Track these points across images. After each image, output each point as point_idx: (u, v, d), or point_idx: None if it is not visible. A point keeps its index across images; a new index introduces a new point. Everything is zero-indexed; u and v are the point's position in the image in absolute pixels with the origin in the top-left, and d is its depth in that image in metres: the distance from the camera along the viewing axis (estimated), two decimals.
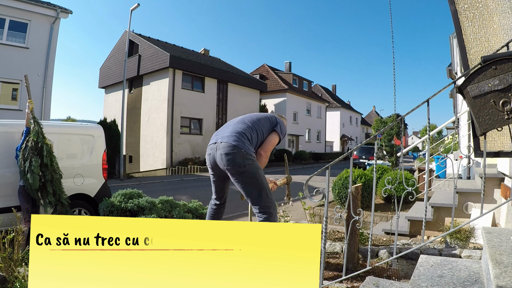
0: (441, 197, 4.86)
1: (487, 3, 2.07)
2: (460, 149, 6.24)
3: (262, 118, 2.73)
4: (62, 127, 5.32)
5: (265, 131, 2.68)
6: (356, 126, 49.47)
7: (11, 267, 2.31)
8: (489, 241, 1.87)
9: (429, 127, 2.07)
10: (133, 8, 14.97)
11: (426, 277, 1.82)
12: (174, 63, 18.40)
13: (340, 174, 6.51)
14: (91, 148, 5.10)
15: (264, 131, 2.67)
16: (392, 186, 2.08)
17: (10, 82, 11.85)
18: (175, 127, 18.86)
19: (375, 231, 4.75)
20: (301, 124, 30.99)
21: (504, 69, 1.63)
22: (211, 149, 2.55)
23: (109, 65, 23.25)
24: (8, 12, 11.53)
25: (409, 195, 2.34)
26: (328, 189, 2.11)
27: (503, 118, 1.65)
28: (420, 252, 3.03)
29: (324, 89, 44.42)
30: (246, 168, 2.38)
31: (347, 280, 2.60)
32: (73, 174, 4.87)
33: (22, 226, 2.46)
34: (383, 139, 27.21)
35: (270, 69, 31.17)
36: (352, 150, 2.39)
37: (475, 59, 2.06)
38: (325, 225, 2.15)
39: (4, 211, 3.82)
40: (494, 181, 4.22)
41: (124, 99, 15.50)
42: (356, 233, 3.07)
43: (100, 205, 3.82)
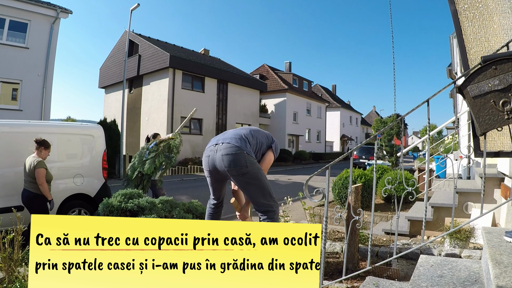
0: (441, 197, 4.86)
1: (487, 3, 2.07)
2: (460, 149, 6.24)
3: (261, 131, 2.80)
4: (62, 127, 5.32)
5: (264, 143, 2.71)
6: (356, 126, 49.46)
7: (11, 267, 2.31)
8: (489, 241, 1.87)
9: (429, 127, 2.06)
10: (133, 8, 14.96)
11: (426, 277, 1.82)
12: (174, 63, 18.40)
13: (340, 174, 6.51)
14: (91, 148, 5.10)
15: (263, 143, 2.71)
16: (392, 186, 2.08)
17: (10, 82, 11.84)
18: (175, 127, 18.85)
19: (375, 231, 4.75)
20: (301, 124, 30.98)
21: (504, 69, 1.63)
22: (210, 151, 2.53)
23: (109, 65, 23.24)
24: (8, 12, 11.53)
25: (409, 195, 2.34)
26: (328, 189, 2.11)
27: (503, 118, 1.65)
28: (420, 252, 3.03)
29: (324, 89, 44.41)
30: (248, 169, 2.38)
31: (347, 280, 2.60)
32: (73, 174, 4.87)
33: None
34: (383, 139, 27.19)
35: (270, 69, 31.16)
36: (352, 150, 2.39)
37: (475, 59, 2.06)
38: (325, 225, 2.15)
39: (4, 211, 3.82)
40: (494, 181, 4.22)
41: (124, 99, 15.49)
42: (356, 233, 3.07)
43: (100, 205, 3.82)
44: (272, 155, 2.75)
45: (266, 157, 2.71)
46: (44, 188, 3.82)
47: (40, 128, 4.89)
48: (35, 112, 12.02)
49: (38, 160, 3.88)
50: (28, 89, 12.04)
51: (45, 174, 3.85)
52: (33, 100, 12.11)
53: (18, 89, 12.00)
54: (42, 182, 3.80)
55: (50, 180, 4.03)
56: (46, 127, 5.05)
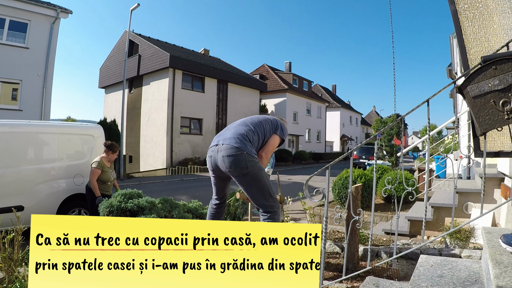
0: (441, 197, 4.86)
1: (487, 3, 2.07)
2: (460, 149, 6.24)
3: (263, 121, 2.74)
4: (62, 127, 5.32)
5: (267, 133, 2.70)
6: (356, 126, 49.46)
7: (11, 267, 2.31)
8: (489, 241, 1.87)
9: (429, 127, 2.06)
10: (133, 8, 14.97)
11: (426, 277, 1.82)
12: (174, 63, 18.40)
13: (340, 174, 6.51)
14: (91, 148, 5.10)
15: (266, 134, 2.69)
16: (392, 186, 2.08)
17: (10, 82, 11.84)
18: (175, 127, 18.86)
19: (375, 231, 4.75)
20: (301, 124, 30.98)
21: (504, 69, 1.63)
22: (212, 152, 2.54)
23: (109, 65, 23.24)
24: (8, 12, 11.53)
25: (409, 195, 2.34)
26: (328, 189, 2.11)
27: (503, 118, 1.65)
28: (420, 252, 3.03)
29: (324, 89, 44.41)
30: (249, 170, 2.37)
31: (347, 280, 2.60)
32: (73, 174, 4.87)
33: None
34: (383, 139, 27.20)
35: (270, 69, 31.16)
36: (352, 150, 2.39)
37: (475, 59, 2.06)
38: (325, 225, 2.15)
39: (4, 211, 3.82)
40: (494, 181, 4.22)
41: (124, 99, 15.50)
42: (356, 233, 3.07)
43: (100, 205, 3.82)
44: (276, 139, 2.74)
45: (269, 141, 2.69)
46: (93, 185, 4.35)
47: (40, 128, 4.89)
48: (35, 112, 12.02)
49: (97, 160, 4.44)
50: (28, 89, 12.04)
51: (99, 174, 4.38)
52: (33, 100, 12.11)
53: (18, 89, 12.00)
54: (91, 179, 4.36)
55: (106, 180, 4.50)
56: (46, 127, 5.05)
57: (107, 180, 4.50)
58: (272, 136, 2.72)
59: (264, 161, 2.66)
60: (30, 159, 4.56)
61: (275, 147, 2.79)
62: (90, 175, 4.38)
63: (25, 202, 4.28)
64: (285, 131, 2.82)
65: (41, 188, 4.54)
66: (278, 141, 2.77)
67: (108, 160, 4.55)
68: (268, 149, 2.68)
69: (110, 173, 4.58)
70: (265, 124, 2.71)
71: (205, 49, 25.77)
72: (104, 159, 4.51)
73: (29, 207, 4.28)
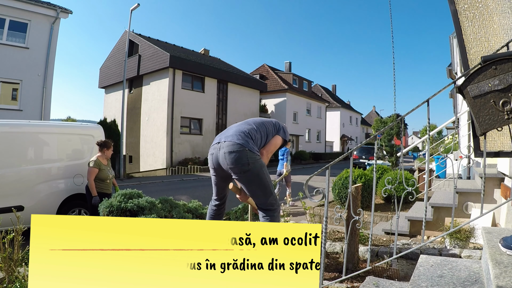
0: (441, 197, 4.86)
1: (487, 3, 2.07)
2: (460, 149, 6.24)
3: (266, 122, 2.79)
4: (62, 127, 5.33)
5: (270, 134, 2.73)
6: (356, 126, 49.46)
7: (11, 267, 2.31)
8: (489, 241, 1.87)
9: (429, 127, 2.06)
10: (133, 8, 14.96)
11: (426, 277, 1.82)
12: (174, 63, 18.40)
13: (340, 174, 6.51)
14: (91, 148, 5.10)
15: (269, 134, 2.73)
16: (392, 186, 2.08)
17: (10, 82, 11.84)
18: (175, 127, 18.85)
19: (375, 231, 4.75)
20: (301, 124, 30.98)
21: (504, 69, 1.63)
22: (214, 149, 2.54)
23: (109, 65, 23.24)
24: (8, 12, 11.53)
25: (409, 195, 2.34)
26: (328, 189, 2.11)
27: (503, 118, 1.65)
28: (420, 252, 3.03)
29: (324, 89, 44.40)
30: (250, 167, 2.37)
31: (347, 280, 2.60)
32: (73, 174, 4.87)
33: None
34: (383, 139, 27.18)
35: (270, 69, 31.15)
36: (352, 150, 2.39)
37: (475, 59, 2.06)
38: (325, 225, 2.15)
39: (4, 211, 3.82)
40: (494, 181, 4.22)
41: (124, 99, 15.49)
42: (356, 233, 3.07)
43: (100, 205, 3.82)
44: (278, 139, 2.78)
45: (271, 141, 2.73)
46: (90, 185, 4.38)
47: (40, 128, 4.89)
48: (35, 112, 12.02)
49: (94, 159, 4.46)
50: (28, 89, 12.04)
51: (96, 173, 4.40)
52: (33, 100, 12.11)
53: (18, 89, 12.00)
54: (89, 179, 4.39)
55: (105, 179, 4.52)
56: (46, 127, 5.05)
57: (105, 178, 4.53)
58: (274, 136, 2.76)
59: (265, 160, 2.68)
60: (30, 159, 4.56)
61: (277, 147, 2.82)
62: (88, 174, 4.43)
63: (25, 202, 4.28)
64: (287, 134, 2.87)
65: (41, 188, 4.55)
66: (280, 142, 2.81)
67: (104, 157, 4.58)
68: (269, 148, 2.71)
69: (108, 170, 4.60)
70: (267, 125, 2.74)
71: (205, 49, 25.75)
72: (101, 157, 4.53)
73: (29, 207, 4.28)
